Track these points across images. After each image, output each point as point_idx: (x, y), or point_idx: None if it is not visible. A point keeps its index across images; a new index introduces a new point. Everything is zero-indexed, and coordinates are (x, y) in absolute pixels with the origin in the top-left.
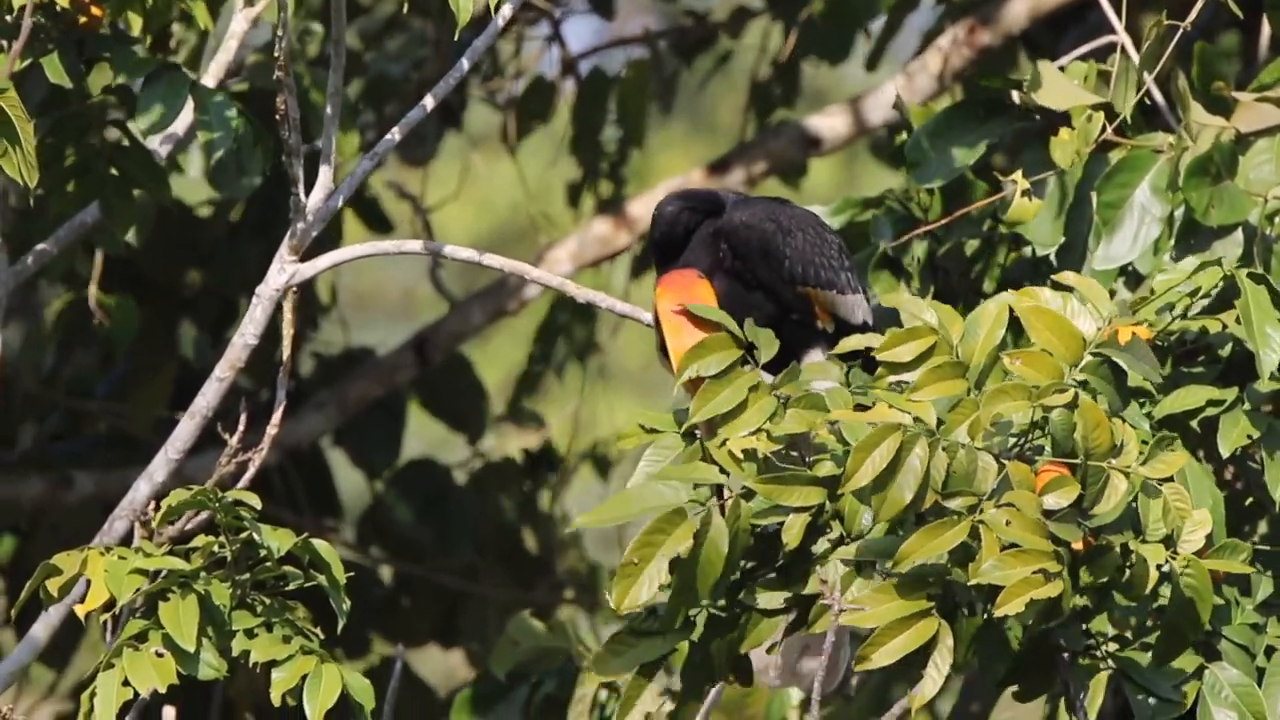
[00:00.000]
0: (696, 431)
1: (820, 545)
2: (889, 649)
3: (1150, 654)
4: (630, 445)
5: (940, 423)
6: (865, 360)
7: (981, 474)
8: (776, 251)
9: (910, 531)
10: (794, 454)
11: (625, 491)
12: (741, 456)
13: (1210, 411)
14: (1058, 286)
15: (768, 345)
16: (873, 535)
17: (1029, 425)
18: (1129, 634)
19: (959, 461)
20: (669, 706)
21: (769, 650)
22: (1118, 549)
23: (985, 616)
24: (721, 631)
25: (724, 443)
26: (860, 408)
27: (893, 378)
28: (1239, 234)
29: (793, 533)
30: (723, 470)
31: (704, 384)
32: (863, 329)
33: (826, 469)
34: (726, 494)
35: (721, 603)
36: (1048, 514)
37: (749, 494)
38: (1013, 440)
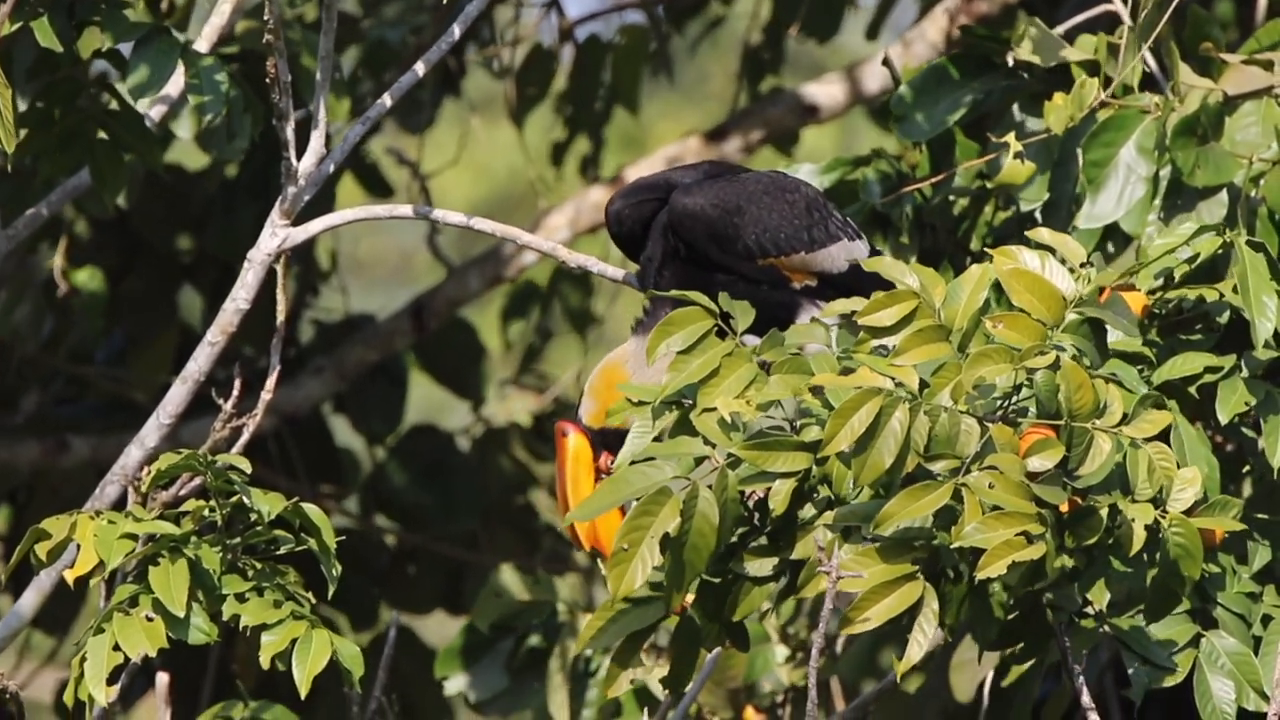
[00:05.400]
0: (685, 401)
1: (807, 510)
2: (874, 612)
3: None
4: (617, 422)
5: (924, 386)
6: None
7: (964, 437)
8: (725, 233)
9: (895, 496)
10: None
11: (612, 477)
12: (729, 421)
13: (1208, 378)
14: (1035, 245)
15: (744, 314)
16: (858, 500)
17: (1012, 388)
18: (1125, 599)
19: (941, 425)
20: (659, 671)
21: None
22: (1105, 510)
23: (970, 580)
24: (713, 599)
25: (704, 411)
26: (845, 372)
27: (876, 342)
28: (1223, 195)
29: (779, 498)
30: (707, 441)
31: (674, 359)
32: (851, 272)
33: (812, 433)
34: (711, 463)
35: (712, 570)
36: (1032, 476)
37: (735, 462)
38: (997, 403)
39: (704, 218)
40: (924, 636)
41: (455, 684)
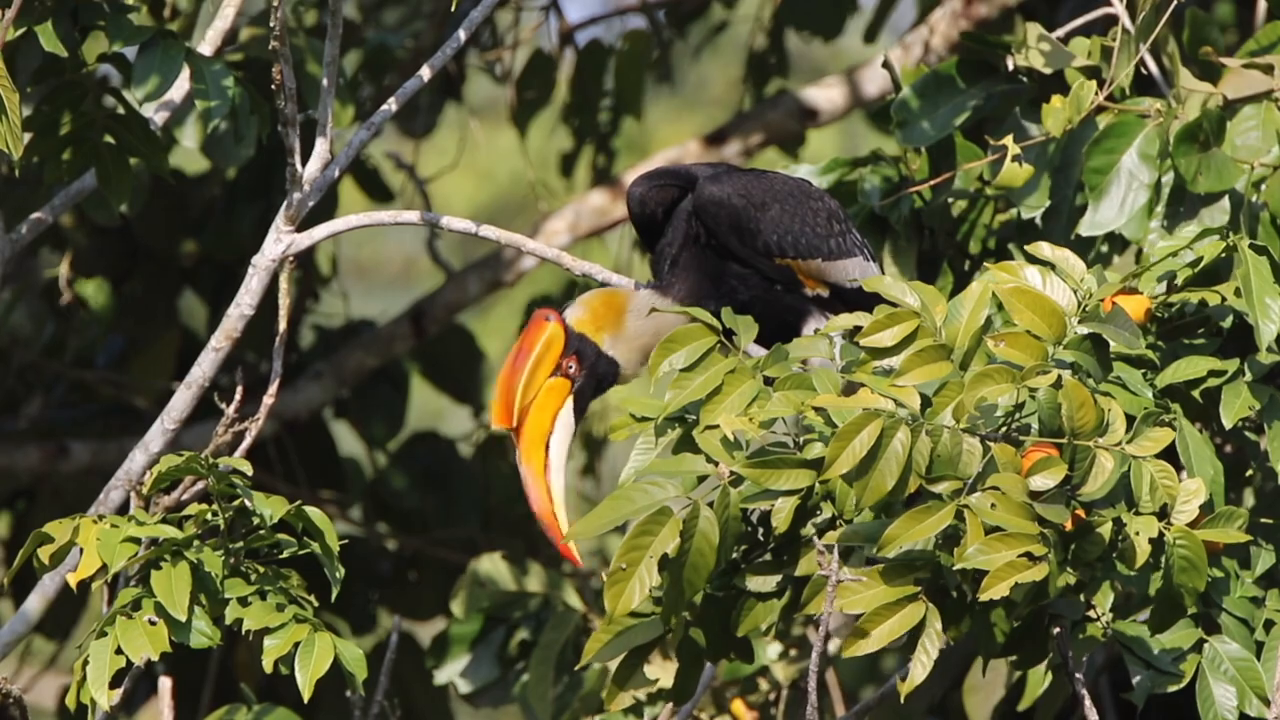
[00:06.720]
0: (687, 417)
1: (809, 528)
2: (877, 634)
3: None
4: (620, 438)
5: (927, 405)
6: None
7: (966, 457)
8: (748, 227)
9: (897, 516)
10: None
11: (614, 494)
12: (731, 439)
13: (1212, 382)
14: (1034, 260)
15: (746, 330)
16: (860, 519)
17: (1014, 406)
18: (1124, 601)
19: (943, 445)
20: (665, 680)
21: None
22: (1110, 523)
23: (972, 600)
24: (717, 614)
25: (707, 429)
26: (848, 390)
27: (878, 363)
28: (1225, 201)
29: (782, 516)
30: (710, 459)
31: (675, 376)
32: (860, 290)
33: (815, 451)
34: (713, 480)
35: (715, 586)
36: (1035, 495)
37: (737, 480)
38: (999, 421)
39: (729, 206)
40: (927, 657)
41: (445, 674)
